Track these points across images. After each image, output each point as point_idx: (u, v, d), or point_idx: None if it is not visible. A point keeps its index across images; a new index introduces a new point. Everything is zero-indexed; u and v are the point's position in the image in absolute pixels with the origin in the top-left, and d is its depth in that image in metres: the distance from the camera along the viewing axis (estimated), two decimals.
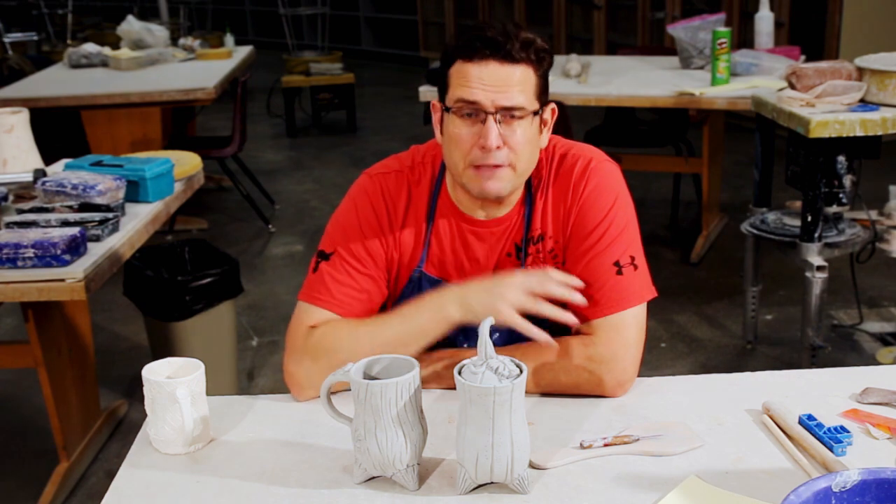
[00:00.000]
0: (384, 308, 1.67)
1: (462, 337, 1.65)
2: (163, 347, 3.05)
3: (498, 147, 1.49)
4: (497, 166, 1.51)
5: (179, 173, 2.89)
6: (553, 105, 1.59)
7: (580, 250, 1.57)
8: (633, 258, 1.56)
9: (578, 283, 1.52)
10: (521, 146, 1.51)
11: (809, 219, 2.99)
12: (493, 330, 1.63)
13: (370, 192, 1.63)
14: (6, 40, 8.14)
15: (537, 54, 1.50)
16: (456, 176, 1.57)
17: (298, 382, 1.55)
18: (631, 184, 1.65)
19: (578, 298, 1.50)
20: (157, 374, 1.43)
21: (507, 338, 1.64)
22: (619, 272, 1.55)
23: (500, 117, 1.48)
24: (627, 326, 1.53)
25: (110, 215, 2.47)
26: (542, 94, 1.54)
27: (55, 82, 4.98)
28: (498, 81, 1.47)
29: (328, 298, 1.58)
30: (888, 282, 4.02)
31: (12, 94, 4.62)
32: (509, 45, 1.47)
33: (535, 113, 1.51)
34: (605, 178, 1.59)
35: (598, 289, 1.54)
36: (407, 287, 1.64)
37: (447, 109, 1.52)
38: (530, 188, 1.62)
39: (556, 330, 1.64)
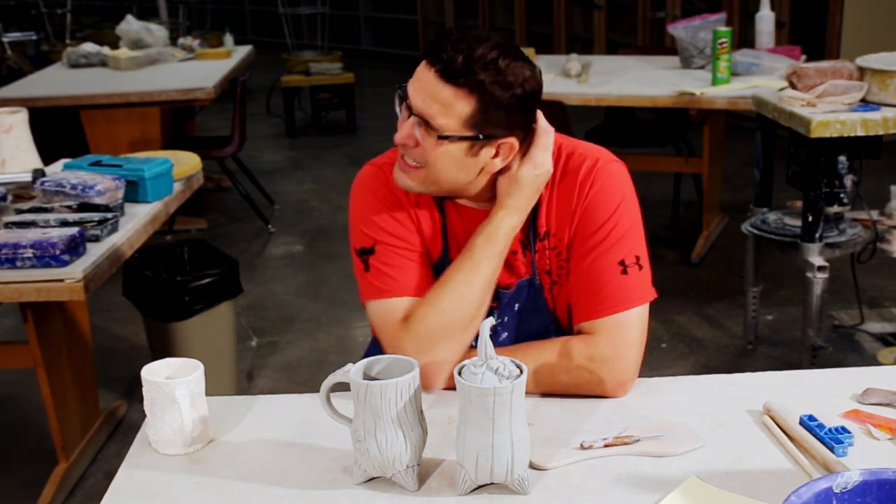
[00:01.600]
0: None
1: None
2: (162, 348, 3.04)
3: (405, 144, 1.50)
4: (407, 164, 1.52)
5: (179, 173, 2.88)
6: (511, 141, 1.50)
7: (585, 248, 1.57)
8: (637, 258, 1.56)
9: None
10: (430, 156, 1.49)
11: (810, 219, 2.98)
12: (498, 331, 1.64)
13: (381, 178, 1.63)
14: (5, 40, 8.13)
15: (478, 86, 1.43)
16: None
17: (429, 373, 1.50)
18: None
19: None
20: (157, 375, 1.43)
21: (513, 338, 1.64)
22: (624, 271, 1.54)
23: (419, 121, 1.48)
24: (630, 326, 1.53)
25: (109, 215, 2.47)
26: (484, 126, 1.47)
27: (54, 82, 4.97)
28: (427, 91, 1.46)
29: (396, 287, 1.55)
30: (889, 282, 4.02)
31: (11, 93, 4.61)
32: (451, 63, 1.43)
33: (444, 138, 1.46)
34: (611, 178, 1.58)
35: (602, 287, 1.54)
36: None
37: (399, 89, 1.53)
38: None
39: (562, 331, 1.65)
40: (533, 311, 1.63)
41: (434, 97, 1.45)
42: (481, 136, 1.48)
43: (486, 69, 1.43)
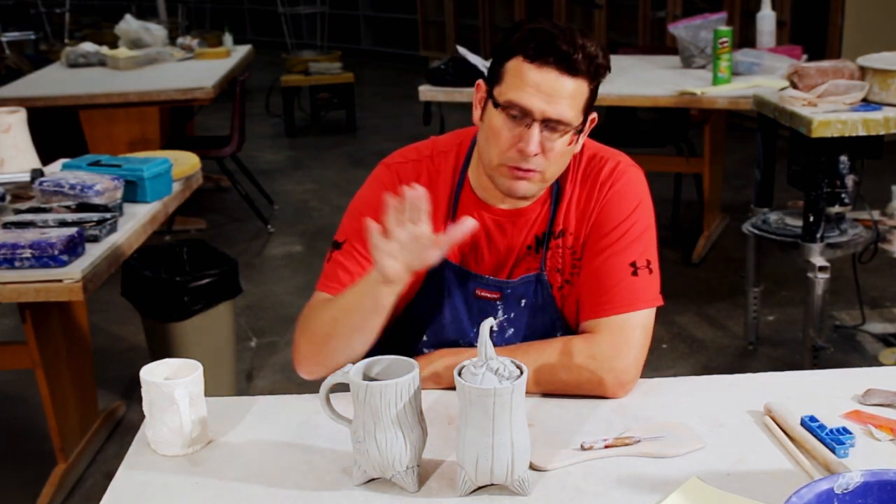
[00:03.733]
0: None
1: (474, 330, 1.64)
2: (161, 348, 3.04)
3: (535, 154, 1.49)
4: (530, 171, 1.51)
5: (178, 173, 2.88)
6: (594, 115, 1.58)
7: (598, 247, 1.58)
8: (649, 262, 1.57)
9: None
10: (556, 157, 1.51)
11: (811, 219, 2.98)
12: (504, 326, 1.63)
13: (386, 181, 1.64)
14: (3, 39, 8.11)
15: (597, 69, 1.49)
16: (487, 167, 1.56)
17: (294, 355, 1.58)
18: None
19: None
20: (156, 375, 1.42)
21: (520, 335, 1.64)
22: (635, 273, 1.55)
23: (543, 126, 1.48)
24: (634, 328, 1.53)
25: (108, 215, 2.46)
26: (590, 107, 1.53)
27: (53, 82, 4.97)
28: (552, 91, 1.47)
29: (336, 286, 1.59)
30: (891, 282, 4.01)
31: (10, 93, 4.60)
32: (575, 56, 1.46)
33: (578, 130, 1.51)
34: (630, 182, 1.61)
35: (612, 287, 1.55)
36: (428, 274, 1.62)
37: (496, 105, 1.51)
38: (556, 183, 1.62)
39: (564, 330, 1.64)
40: (540, 308, 1.63)
41: (560, 94, 1.47)
42: (588, 119, 1.54)
43: (594, 55, 1.48)
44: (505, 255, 1.63)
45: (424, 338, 1.67)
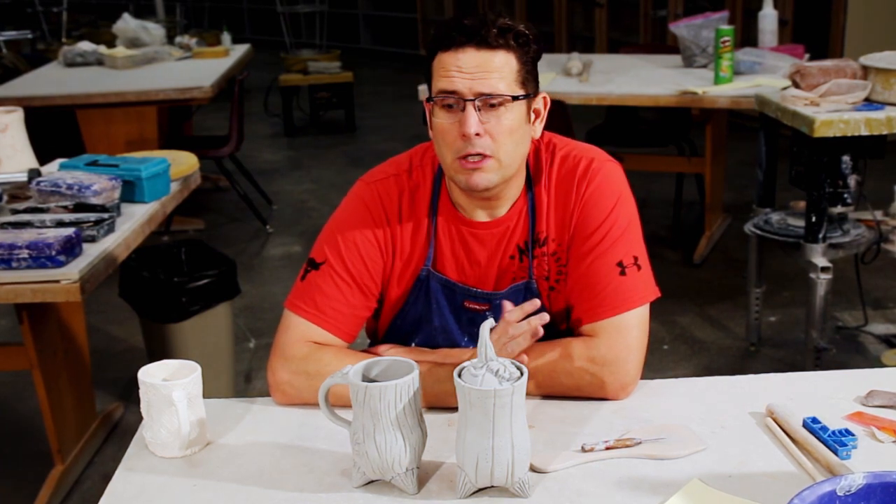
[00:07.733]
0: (378, 312, 1.65)
1: (465, 339, 1.64)
2: (159, 349, 3.03)
3: (478, 134, 1.47)
4: (480, 157, 1.48)
5: (176, 173, 2.87)
6: (544, 94, 1.57)
7: (582, 251, 1.56)
8: (636, 258, 1.55)
9: (536, 305, 1.48)
10: (502, 135, 1.48)
11: (813, 219, 2.97)
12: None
13: (367, 200, 1.62)
14: (1, 38, 8.11)
15: (516, 40, 1.48)
16: (446, 170, 1.55)
17: (286, 393, 1.54)
18: (633, 184, 1.64)
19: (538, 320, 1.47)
20: (154, 377, 1.42)
21: None
22: (623, 272, 1.53)
23: (479, 104, 1.46)
24: (630, 328, 1.52)
25: (106, 216, 2.45)
26: (528, 82, 1.51)
27: (50, 81, 4.96)
28: (475, 68, 1.46)
29: (314, 311, 1.57)
30: (893, 283, 4.01)
31: (7, 92, 4.59)
32: (485, 30, 1.46)
33: (516, 98, 1.48)
34: (606, 178, 1.58)
35: (602, 290, 1.53)
36: (415, 286, 1.62)
37: (430, 100, 1.51)
38: (531, 187, 1.59)
39: (558, 332, 1.63)
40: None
41: (487, 68, 1.46)
42: (531, 94, 1.51)
43: (513, 28, 1.48)
44: (486, 267, 1.61)
45: (413, 346, 1.65)
